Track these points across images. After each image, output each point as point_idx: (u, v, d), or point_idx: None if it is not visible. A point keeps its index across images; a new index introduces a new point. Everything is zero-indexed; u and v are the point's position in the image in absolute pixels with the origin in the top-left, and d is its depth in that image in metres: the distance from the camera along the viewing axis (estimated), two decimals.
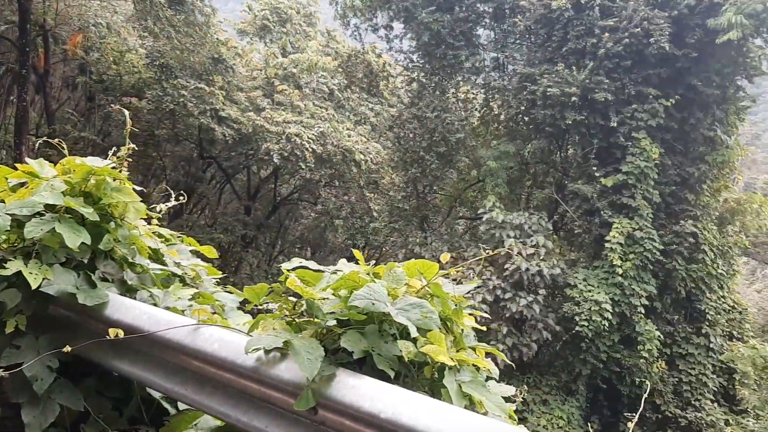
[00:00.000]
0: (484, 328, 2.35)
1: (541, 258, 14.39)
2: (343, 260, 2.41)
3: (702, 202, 15.03)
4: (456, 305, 2.24)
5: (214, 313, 2.71)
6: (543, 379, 15.36)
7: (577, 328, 13.89)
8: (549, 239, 14.83)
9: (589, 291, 14.10)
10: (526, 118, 16.09)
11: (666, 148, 14.61)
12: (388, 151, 19.12)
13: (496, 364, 2.39)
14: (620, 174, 14.34)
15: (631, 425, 2.54)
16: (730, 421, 14.30)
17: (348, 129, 21.85)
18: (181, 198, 3.61)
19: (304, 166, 18.92)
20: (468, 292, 2.33)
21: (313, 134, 19.26)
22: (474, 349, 2.24)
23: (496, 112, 17.32)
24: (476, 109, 17.84)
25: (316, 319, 2.07)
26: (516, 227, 14.84)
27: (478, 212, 15.41)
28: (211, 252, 3.47)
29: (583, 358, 14.62)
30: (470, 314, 2.26)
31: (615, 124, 14.28)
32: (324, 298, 2.13)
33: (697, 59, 13.92)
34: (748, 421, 14.23)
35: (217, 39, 19.49)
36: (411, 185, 17.16)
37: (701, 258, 14.74)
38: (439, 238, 17.13)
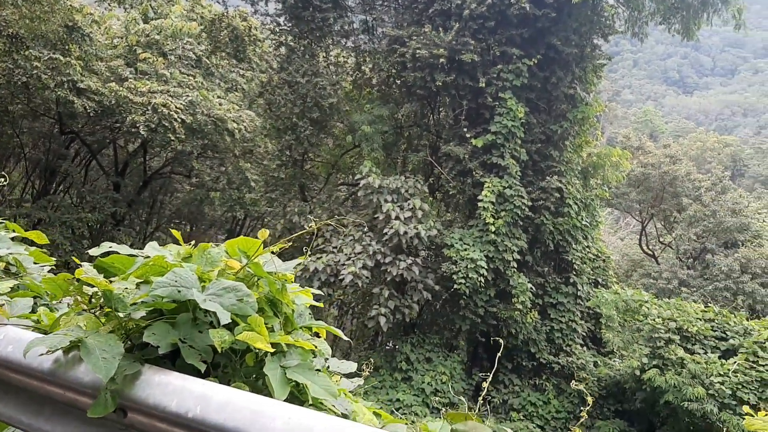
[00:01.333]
0: (321, 305, 2.22)
1: (419, 220, 14.59)
2: (154, 243, 2.20)
3: (565, 158, 15.73)
4: (281, 284, 2.09)
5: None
6: (426, 337, 15.73)
7: (455, 286, 14.25)
8: (425, 202, 15.05)
9: (465, 250, 14.48)
10: (398, 81, 16.11)
11: (531, 107, 15.12)
12: (261, 118, 18.62)
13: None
14: (489, 134, 14.71)
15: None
16: (599, 362, 15.28)
17: (219, 97, 21.06)
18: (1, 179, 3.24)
19: (174, 138, 18.08)
20: (294, 268, 2.20)
21: (181, 104, 18.40)
22: (310, 328, 2.12)
23: (368, 76, 17.22)
24: (348, 73, 17.64)
25: (117, 312, 1.87)
26: (393, 191, 14.92)
27: (355, 178, 15.35)
28: (40, 237, 3.15)
29: (463, 314, 15.08)
30: (301, 292, 2.12)
31: (483, 85, 14.57)
32: (125, 288, 1.92)
33: (556, 19, 14.38)
34: (614, 361, 15.26)
35: (70, 5, 18.04)
36: (286, 153, 16.81)
37: (566, 211, 15.48)
38: (319, 206, 16.96)
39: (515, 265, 14.83)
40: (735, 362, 11.40)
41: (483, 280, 14.27)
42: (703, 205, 28.93)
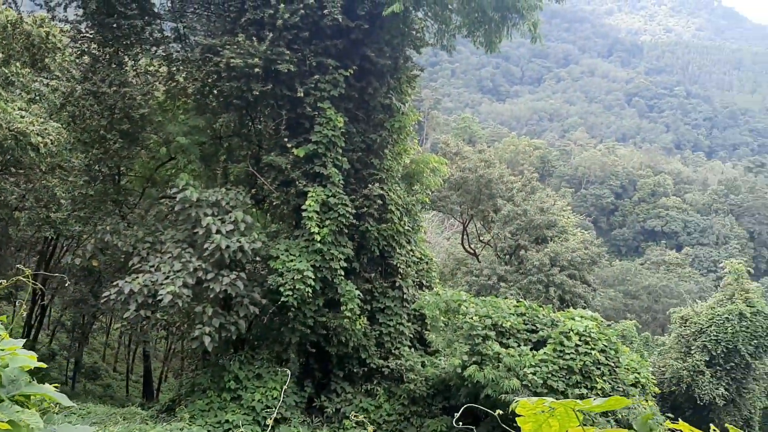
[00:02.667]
0: (44, 365, 1.94)
1: (242, 233, 14.21)
2: None
3: (386, 165, 16.12)
4: None
5: None
6: (255, 353, 15.36)
7: (283, 298, 14.05)
8: (248, 213, 14.69)
9: (292, 261, 14.33)
10: (215, 91, 15.59)
11: (350, 116, 15.31)
12: (66, 131, 17.21)
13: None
14: (310, 144, 14.69)
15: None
16: (426, 362, 15.78)
17: (20, 109, 19.24)
18: None
19: None
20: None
21: None
22: (29, 396, 1.84)
23: (183, 85, 16.52)
24: (161, 83, 16.82)
25: None
26: (213, 204, 14.41)
27: (171, 192, 14.63)
28: None
29: (292, 326, 14.90)
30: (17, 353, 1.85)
31: (301, 95, 14.52)
32: None
33: (368, 31, 14.70)
34: (440, 359, 15.84)
35: None
36: (94, 168, 15.64)
37: (390, 217, 15.86)
38: (136, 223, 15.98)
39: (342, 273, 14.92)
40: (544, 352, 12.27)
41: (311, 291, 14.20)
42: (516, 205, 31.12)
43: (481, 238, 36.53)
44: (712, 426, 2.01)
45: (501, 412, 1.84)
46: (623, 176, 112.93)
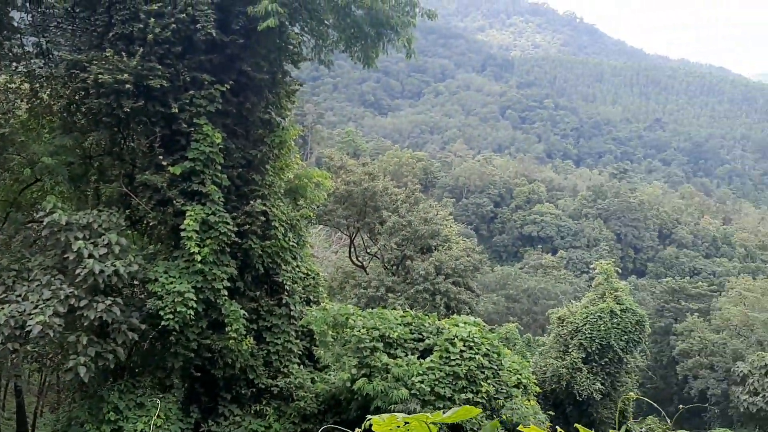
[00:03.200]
0: None
1: (117, 256, 13.55)
2: None
3: (268, 181, 15.92)
4: None
5: None
6: (137, 381, 14.65)
7: (163, 322, 13.51)
8: (123, 236, 14.03)
9: (171, 283, 13.83)
10: (83, 109, 14.81)
11: (228, 132, 15.00)
12: None
13: None
14: (187, 161, 14.26)
15: None
16: (316, 379, 15.67)
17: None
18: None
19: None
20: None
21: None
22: None
23: (48, 103, 15.58)
24: (23, 101, 15.78)
25: None
26: (84, 227, 13.65)
27: (38, 216, 13.73)
28: None
29: (174, 351, 14.35)
30: None
31: (176, 111, 14.07)
32: None
33: (244, 45, 14.50)
34: (330, 375, 15.77)
35: None
36: None
37: (273, 234, 15.66)
38: (1, 249, 14.86)
39: (226, 293, 14.56)
40: (431, 360, 12.52)
41: (193, 313, 13.76)
42: (400, 216, 31.64)
43: (369, 251, 36.82)
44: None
45: (359, 430, 1.85)
46: (500, 185, 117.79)
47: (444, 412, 1.59)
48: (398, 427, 1.63)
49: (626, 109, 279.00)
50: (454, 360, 12.67)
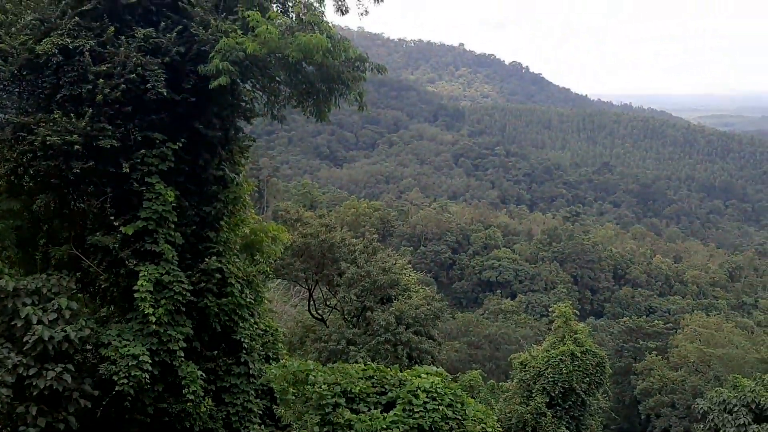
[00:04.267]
0: None
1: (67, 321, 13.14)
2: None
3: (223, 237, 15.74)
4: None
5: None
6: None
7: (117, 388, 13.06)
8: (74, 299, 13.64)
9: (125, 346, 13.42)
10: (30, 171, 14.49)
11: (181, 190, 14.84)
12: None
13: None
14: (140, 221, 14.02)
15: None
16: None
17: None
18: None
19: None
20: None
21: None
22: None
23: None
24: None
25: None
26: (33, 292, 13.24)
27: None
28: None
29: (130, 417, 13.86)
30: None
31: (127, 170, 13.90)
32: None
33: (196, 103, 14.50)
34: None
35: None
36: None
37: (230, 291, 15.41)
38: None
39: (182, 355, 14.17)
40: (394, 414, 12.34)
41: (148, 376, 13.32)
42: (359, 267, 31.56)
43: (328, 303, 36.52)
44: None
45: None
46: (457, 232, 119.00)
47: None
48: None
49: (575, 153, 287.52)
50: (417, 412, 12.50)
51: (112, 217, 14.17)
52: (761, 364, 50.52)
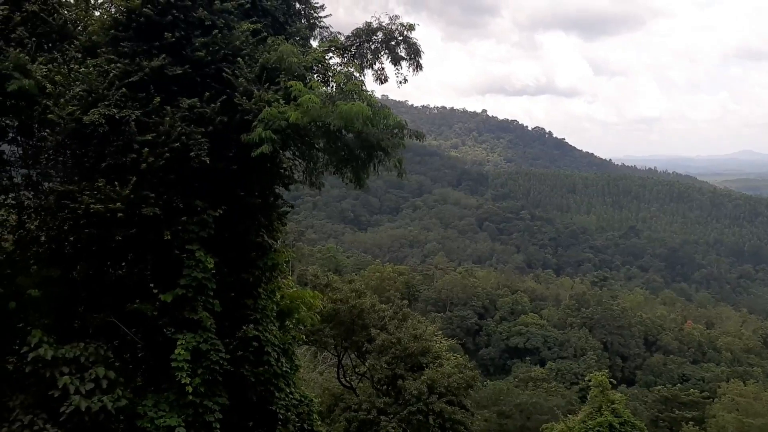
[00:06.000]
0: None
1: (104, 391, 12.95)
2: None
3: (260, 305, 15.61)
4: None
5: None
6: None
7: None
8: (111, 368, 13.47)
9: (161, 417, 13.17)
10: (71, 238, 14.60)
11: (221, 257, 14.81)
12: None
13: None
14: (179, 288, 13.95)
15: None
16: None
17: None
18: None
19: None
20: None
21: None
22: None
23: (35, 234, 15.36)
24: (10, 232, 15.57)
25: None
26: (71, 361, 13.12)
27: (22, 351, 13.17)
28: None
29: None
30: None
31: (168, 238, 13.92)
32: None
33: (237, 171, 14.62)
34: None
35: None
36: None
37: (267, 360, 15.17)
38: None
39: (218, 426, 13.84)
40: None
41: None
42: (390, 334, 31.04)
43: (357, 370, 35.79)
44: None
45: None
46: (484, 297, 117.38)
47: None
48: None
49: (600, 218, 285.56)
50: None
51: (151, 284, 14.13)
52: None
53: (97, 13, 15.73)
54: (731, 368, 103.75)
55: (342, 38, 16.50)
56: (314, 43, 17.25)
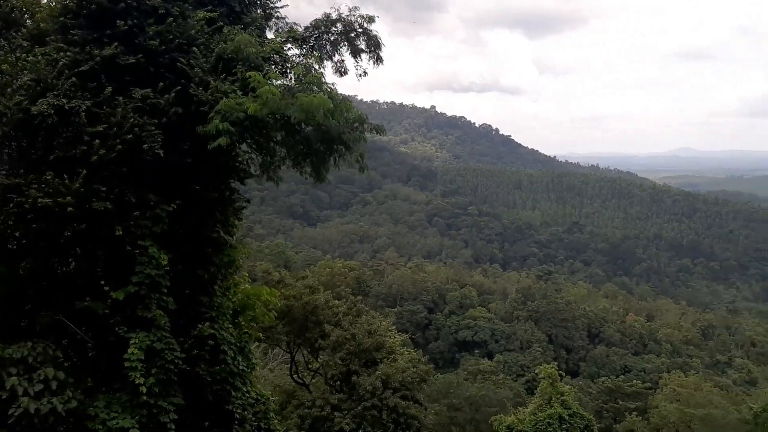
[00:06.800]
0: None
1: (53, 393, 12.41)
2: None
3: (216, 303, 15.23)
4: None
5: None
6: None
7: None
8: (61, 369, 12.93)
9: (113, 419, 12.71)
10: (18, 233, 13.95)
11: (175, 253, 14.36)
12: None
13: None
14: (131, 285, 13.47)
15: None
16: None
17: None
18: None
19: None
20: None
21: None
22: None
23: None
24: None
25: None
26: (18, 362, 12.54)
27: None
28: None
29: None
30: None
31: (120, 233, 13.42)
32: None
33: (192, 165, 14.20)
34: None
35: None
36: None
37: (223, 358, 14.81)
38: None
39: (173, 427, 13.43)
40: None
41: None
42: (344, 330, 30.85)
43: (310, 367, 35.50)
44: None
45: None
46: (433, 291, 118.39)
47: None
48: None
49: (545, 213, 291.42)
50: None
51: (102, 282, 13.60)
52: (743, 425, 50.08)
53: (44, 0, 15.04)
54: (671, 359, 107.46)
55: (300, 29, 16.19)
56: (270, 35, 16.91)
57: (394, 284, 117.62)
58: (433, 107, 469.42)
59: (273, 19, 17.36)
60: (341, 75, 16.17)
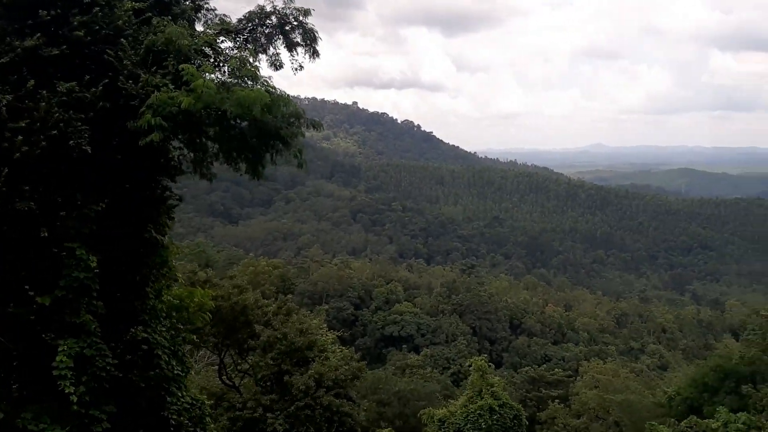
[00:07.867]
0: None
1: None
2: None
3: (149, 305, 14.65)
4: None
5: None
6: None
7: None
8: None
9: (43, 430, 12.03)
10: None
11: (105, 255, 13.69)
12: None
13: None
14: (58, 290, 12.76)
15: None
16: None
17: None
18: None
19: None
20: None
21: None
22: None
23: None
24: None
25: None
26: None
27: None
28: None
29: None
30: None
31: (45, 235, 12.68)
32: None
33: (122, 162, 13.58)
34: None
35: None
36: None
37: (156, 363, 14.29)
38: None
39: None
40: None
41: None
42: (274, 329, 30.41)
43: (239, 368, 34.79)
44: None
45: None
46: (359, 287, 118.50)
47: None
48: None
49: (467, 208, 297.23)
50: None
51: (27, 287, 12.81)
52: (657, 408, 52.61)
53: None
54: (588, 347, 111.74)
55: (234, 21, 15.75)
56: (199, 27, 16.38)
57: (320, 282, 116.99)
58: (355, 103, 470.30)
59: (202, 11, 16.83)
60: (276, 69, 15.83)
